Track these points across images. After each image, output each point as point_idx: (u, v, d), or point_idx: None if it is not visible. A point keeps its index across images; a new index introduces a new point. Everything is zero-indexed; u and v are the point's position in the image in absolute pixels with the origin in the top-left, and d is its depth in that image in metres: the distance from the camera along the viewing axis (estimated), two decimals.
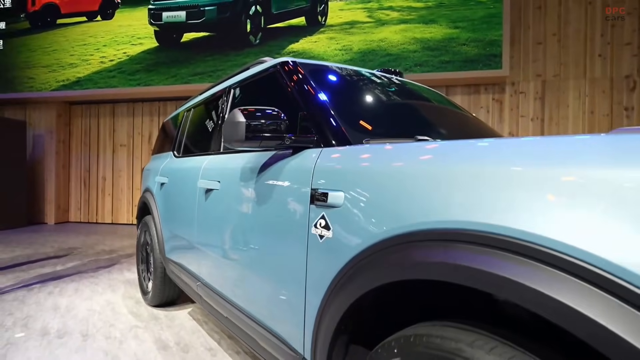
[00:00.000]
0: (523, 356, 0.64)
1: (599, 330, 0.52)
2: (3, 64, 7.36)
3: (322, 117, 1.31)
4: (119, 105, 7.39)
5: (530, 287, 0.59)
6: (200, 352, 2.12)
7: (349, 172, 1.04)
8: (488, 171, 0.73)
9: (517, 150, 0.74)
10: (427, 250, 0.77)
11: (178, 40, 6.47)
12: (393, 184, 0.90)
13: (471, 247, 0.70)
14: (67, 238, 5.83)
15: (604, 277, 0.53)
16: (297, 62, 1.62)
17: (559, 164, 0.65)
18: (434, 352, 0.74)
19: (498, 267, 0.65)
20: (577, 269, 0.56)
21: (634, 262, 0.51)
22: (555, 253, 0.58)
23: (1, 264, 4.04)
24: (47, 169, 7.45)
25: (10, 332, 2.36)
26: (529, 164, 0.68)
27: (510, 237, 0.65)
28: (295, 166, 1.26)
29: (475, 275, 0.67)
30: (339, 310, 0.97)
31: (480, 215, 0.70)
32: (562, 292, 0.56)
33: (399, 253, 0.83)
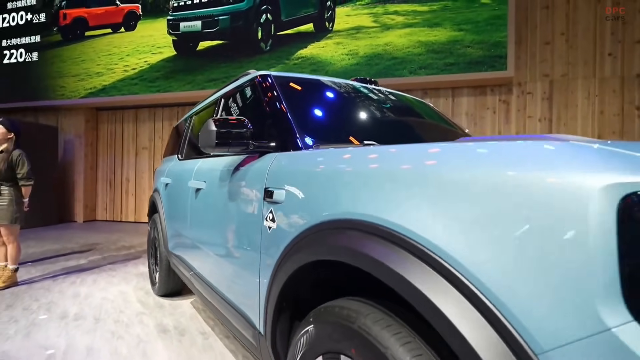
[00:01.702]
0: (399, 326, 0.79)
1: (420, 296, 0.69)
2: (38, 74, 7.98)
3: (281, 125, 1.50)
4: (141, 111, 7.85)
5: (383, 263, 0.77)
6: (195, 336, 2.36)
7: (289, 173, 1.23)
8: (371, 173, 0.90)
9: (394, 156, 0.91)
10: (329, 236, 0.95)
11: (194, 49, 6.83)
12: (314, 183, 1.08)
13: (355, 233, 0.87)
14: (92, 235, 6.28)
15: (433, 257, 0.69)
16: (270, 75, 1.82)
17: (413, 170, 0.81)
18: (335, 319, 0.92)
19: (369, 249, 0.82)
20: (414, 248, 0.73)
21: (450, 246, 0.68)
22: (405, 237, 0.75)
23: (33, 257, 4.46)
24: (77, 170, 8.01)
25: (35, 315, 2.68)
26: (398, 169, 0.85)
27: (379, 225, 0.82)
28: (256, 168, 1.46)
29: (355, 256, 0.85)
30: (278, 289, 1.16)
31: (363, 208, 0.88)
32: (401, 266, 0.73)
33: (313, 239, 1.01)
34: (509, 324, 0.58)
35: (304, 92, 1.79)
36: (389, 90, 2.18)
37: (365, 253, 0.81)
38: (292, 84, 1.80)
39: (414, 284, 0.69)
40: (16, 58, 8.16)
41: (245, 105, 1.97)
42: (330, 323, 0.93)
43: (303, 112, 1.61)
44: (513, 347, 0.57)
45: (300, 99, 1.72)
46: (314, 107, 1.71)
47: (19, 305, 2.88)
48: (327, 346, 0.93)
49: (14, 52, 8.20)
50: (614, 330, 0.49)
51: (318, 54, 6.13)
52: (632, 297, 0.49)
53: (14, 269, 3.30)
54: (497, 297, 0.60)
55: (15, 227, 3.25)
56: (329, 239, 0.94)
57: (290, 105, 1.60)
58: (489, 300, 0.60)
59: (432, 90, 5.95)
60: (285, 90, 1.70)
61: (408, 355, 0.73)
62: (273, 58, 6.36)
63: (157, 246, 3.07)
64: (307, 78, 1.91)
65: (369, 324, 0.82)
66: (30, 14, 8.10)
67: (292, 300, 1.20)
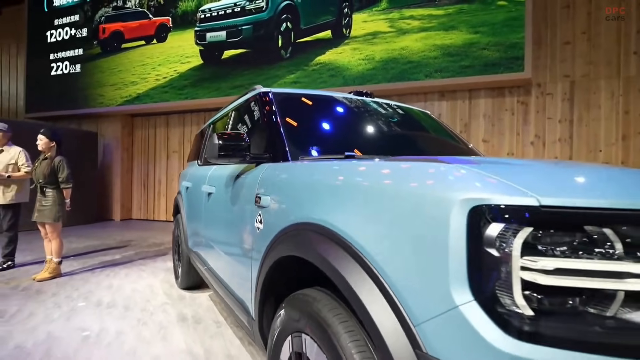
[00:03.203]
0: (341, 309, 0.98)
1: (344, 282, 0.88)
2: (80, 84, 8.68)
3: (274, 138, 1.72)
4: (172, 117, 8.36)
5: (321, 255, 0.96)
6: (209, 324, 2.63)
7: (272, 182, 1.44)
8: (320, 184, 1.10)
9: (333, 171, 1.10)
10: (294, 236, 1.16)
11: (219, 58, 7.21)
12: (288, 191, 1.29)
13: (311, 234, 1.07)
14: (127, 232, 6.80)
15: (354, 251, 0.89)
16: (270, 92, 2.03)
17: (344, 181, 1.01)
18: (298, 304, 1.12)
19: (314, 246, 1.02)
20: (344, 244, 0.92)
21: (362, 240, 0.87)
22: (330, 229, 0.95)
23: (75, 252, 4.95)
24: (114, 173, 8.64)
25: (74, 302, 3.06)
26: (334, 181, 1.05)
27: (324, 227, 1.01)
28: (251, 176, 1.68)
29: (307, 252, 1.05)
30: (262, 281, 1.38)
31: (316, 213, 1.07)
32: (332, 256, 0.93)
33: (284, 239, 1.22)
34: (399, 302, 0.76)
35: (299, 107, 1.99)
36: (386, 102, 2.34)
37: (313, 249, 1.00)
38: (288, 100, 2.01)
39: (339, 270, 0.88)
40: (62, 70, 8.92)
41: (250, 118, 2.21)
42: (295, 308, 1.13)
43: (295, 126, 1.82)
44: (400, 320, 0.75)
45: (294, 113, 1.92)
46: (305, 121, 1.91)
47: (62, 293, 3.27)
48: (293, 326, 1.14)
49: (60, 65, 8.97)
50: (460, 307, 0.66)
51: (336, 59, 6.32)
52: (473, 282, 0.66)
53: (58, 262, 3.73)
54: (391, 281, 0.78)
55: (58, 224, 3.67)
56: (293, 238, 1.15)
57: (284, 119, 1.81)
58: (387, 284, 0.79)
59: (449, 92, 5.99)
60: (281, 105, 1.92)
61: (344, 331, 0.92)
62: (293, 65, 6.62)
63: (180, 244, 3.38)
64: (304, 93, 2.11)
65: (319, 307, 1.02)
66: (74, 29, 8.83)
67: (275, 290, 1.41)
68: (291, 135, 1.72)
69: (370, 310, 0.80)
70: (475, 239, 0.67)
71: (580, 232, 0.63)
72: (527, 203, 0.64)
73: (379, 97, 6.07)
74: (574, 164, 1.10)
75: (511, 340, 0.62)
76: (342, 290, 0.89)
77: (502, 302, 0.64)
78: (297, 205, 1.20)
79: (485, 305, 0.65)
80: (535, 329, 0.62)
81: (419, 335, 0.72)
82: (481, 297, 0.65)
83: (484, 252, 0.66)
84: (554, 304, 0.63)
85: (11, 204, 3.88)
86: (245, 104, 2.32)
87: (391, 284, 0.78)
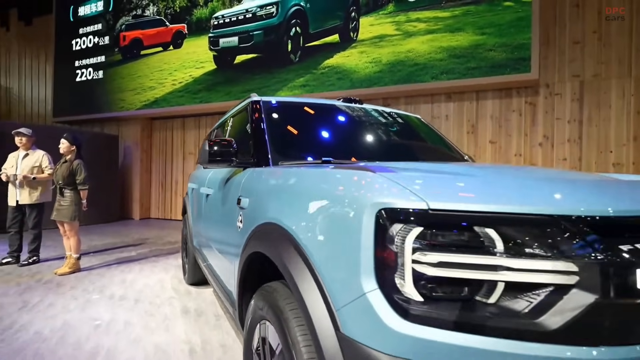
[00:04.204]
0: (293, 298, 1.12)
1: (286, 271, 1.01)
2: (102, 90, 9.13)
3: (259, 144, 1.86)
4: (188, 120, 8.67)
5: (275, 249, 1.10)
6: (209, 317, 2.81)
7: (250, 185, 1.59)
8: (276, 187, 1.24)
9: (284, 175, 1.23)
10: (260, 235, 1.30)
11: (232, 62, 7.45)
12: (260, 194, 1.43)
13: (271, 233, 1.21)
14: (144, 231, 7.12)
15: (298, 245, 1.02)
16: (261, 100, 2.18)
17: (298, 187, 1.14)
18: (263, 295, 1.26)
19: (270, 242, 1.16)
20: (288, 237, 1.06)
21: (302, 234, 1.00)
22: (284, 228, 1.09)
23: (94, 249, 5.26)
24: (134, 173, 9.04)
25: (90, 295, 3.31)
26: (284, 184, 1.18)
27: (278, 225, 1.15)
28: (237, 179, 1.84)
29: (264, 248, 1.19)
30: (240, 274, 1.53)
31: (275, 214, 1.21)
32: (279, 248, 1.07)
33: (254, 237, 1.36)
34: (326, 290, 0.89)
35: (286, 115, 2.14)
36: (374, 108, 2.44)
37: (270, 246, 1.14)
38: (277, 108, 2.15)
39: (286, 263, 1.02)
40: (86, 76, 9.40)
41: (245, 125, 2.36)
42: (260, 298, 1.28)
43: (280, 133, 1.96)
44: (327, 305, 0.88)
45: (281, 120, 2.07)
46: (289, 128, 2.05)
47: (79, 286, 3.53)
48: (259, 315, 1.28)
49: (84, 71, 9.45)
50: (367, 295, 0.79)
51: (343, 62, 6.44)
52: (378, 273, 0.79)
53: (77, 257, 4.01)
54: (322, 272, 0.91)
55: (75, 223, 3.95)
56: (260, 236, 1.29)
57: (271, 126, 1.96)
58: (319, 275, 0.92)
59: (455, 94, 6.00)
60: (269, 113, 2.06)
61: (292, 317, 1.05)
62: (302, 68, 6.78)
63: (186, 242, 3.59)
64: (292, 101, 2.25)
65: (277, 297, 1.16)
66: (97, 38, 9.29)
67: (252, 282, 1.55)
68: (275, 142, 1.86)
69: (305, 297, 0.93)
70: (380, 237, 0.79)
71: (465, 231, 0.75)
72: (418, 207, 0.76)
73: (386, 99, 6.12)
74: (511, 172, 1.20)
75: (404, 322, 0.74)
76: (287, 281, 1.02)
77: (398, 290, 0.76)
78: (264, 207, 1.34)
79: (386, 293, 0.77)
80: (423, 313, 0.73)
81: (338, 318, 0.85)
82: (383, 286, 0.78)
83: (386, 247, 0.78)
84: (440, 292, 0.74)
85: (36, 203, 4.19)
86: (242, 111, 2.48)
87: (322, 275, 0.91)
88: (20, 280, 3.70)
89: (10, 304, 3.02)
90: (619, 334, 0.69)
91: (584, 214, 0.73)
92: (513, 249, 0.73)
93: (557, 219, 0.72)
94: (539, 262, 0.71)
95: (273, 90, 6.99)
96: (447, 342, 0.71)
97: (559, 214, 0.73)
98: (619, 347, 0.68)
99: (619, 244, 0.71)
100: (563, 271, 0.70)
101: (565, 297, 0.70)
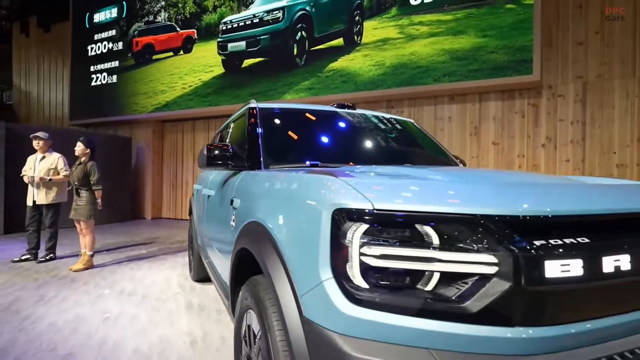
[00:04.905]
0: (273, 290, 1.25)
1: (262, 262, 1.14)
2: (116, 93, 9.44)
3: (252, 149, 2.00)
4: (198, 122, 8.90)
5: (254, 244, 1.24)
6: (211, 312, 2.96)
7: (241, 187, 1.73)
8: (258, 190, 1.37)
9: (263, 178, 1.36)
10: (247, 233, 1.43)
11: (239, 66, 7.64)
12: (248, 195, 1.57)
13: (255, 231, 1.35)
14: (155, 230, 7.36)
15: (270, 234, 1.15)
16: (257, 107, 2.31)
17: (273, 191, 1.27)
18: (249, 287, 1.40)
19: (252, 240, 1.29)
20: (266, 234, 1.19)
21: (276, 230, 1.13)
22: (264, 226, 1.22)
23: (107, 247, 5.50)
24: (146, 175, 9.31)
25: (101, 290, 3.50)
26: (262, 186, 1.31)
27: (260, 222, 1.29)
28: (232, 182, 1.98)
29: (249, 246, 1.33)
30: (232, 268, 1.67)
31: (259, 213, 1.35)
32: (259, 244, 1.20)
33: (241, 235, 1.50)
34: (293, 279, 1.01)
35: (280, 120, 2.27)
36: (365, 113, 2.56)
37: (252, 242, 1.28)
38: (271, 114, 2.29)
39: (263, 257, 1.15)
40: (101, 81, 9.74)
41: (243, 130, 2.50)
42: (246, 290, 1.41)
43: (272, 138, 2.10)
44: (293, 293, 1.00)
45: (275, 126, 2.20)
46: (284, 133, 2.19)
47: (91, 282, 3.74)
48: (245, 305, 1.41)
49: (99, 76, 9.79)
50: (323, 283, 0.91)
51: (347, 66, 6.55)
52: (333, 264, 0.91)
53: (91, 255, 4.23)
54: (291, 264, 1.04)
55: (91, 222, 4.17)
56: (246, 233, 1.42)
57: (264, 132, 2.09)
58: (289, 266, 1.05)
59: (458, 95, 6.06)
60: (264, 119, 2.20)
61: (269, 305, 1.18)
62: (307, 72, 6.92)
63: (192, 240, 3.76)
64: (287, 108, 2.38)
65: (259, 289, 1.29)
66: (111, 43, 9.61)
67: (242, 276, 1.69)
68: (268, 146, 2.00)
69: (277, 287, 1.06)
70: (335, 233, 0.91)
71: (404, 227, 0.87)
72: (365, 207, 0.88)
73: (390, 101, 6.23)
74: (463, 175, 1.31)
75: (353, 306, 0.86)
76: (264, 273, 1.15)
77: (349, 278, 0.88)
78: (251, 207, 1.47)
79: (339, 281, 0.89)
80: (369, 298, 0.85)
81: (302, 304, 0.97)
82: (336, 275, 0.90)
83: (340, 242, 0.90)
84: (384, 281, 0.86)
85: (52, 203, 4.43)
86: (241, 117, 2.62)
87: (290, 267, 1.04)
88: (37, 275, 3.92)
89: (28, 298, 3.23)
90: (531, 316, 0.79)
91: (502, 213, 0.84)
92: (446, 243, 0.85)
93: (480, 218, 0.84)
94: (466, 255, 0.82)
95: (279, 93, 7.15)
96: (388, 323, 0.83)
97: (481, 214, 0.84)
98: (530, 328, 0.79)
99: (534, 240, 0.82)
100: (485, 262, 0.81)
101: (487, 285, 0.81)
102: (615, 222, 0.95)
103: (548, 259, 0.80)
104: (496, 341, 0.79)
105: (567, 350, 0.81)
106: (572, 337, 0.81)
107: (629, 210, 0.96)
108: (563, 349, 0.80)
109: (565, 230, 0.86)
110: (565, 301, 0.83)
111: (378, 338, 0.83)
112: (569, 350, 0.81)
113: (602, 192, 1.08)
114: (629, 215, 0.96)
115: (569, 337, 0.81)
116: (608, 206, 0.95)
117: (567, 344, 0.80)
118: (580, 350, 0.82)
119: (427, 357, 0.79)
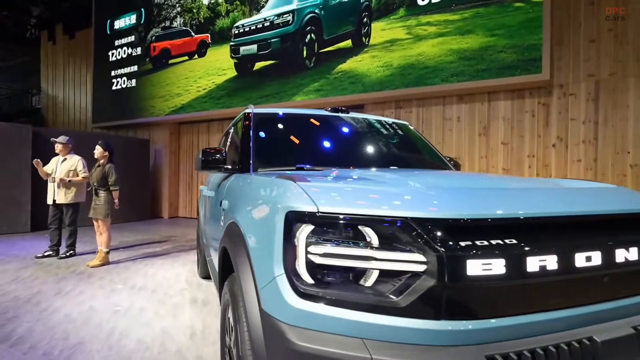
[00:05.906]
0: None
1: (233, 258, 1.26)
2: (135, 97, 9.82)
3: (242, 153, 2.12)
4: (212, 124, 9.16)
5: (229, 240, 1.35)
6: (214, 307, 3.11)
7: (230, 189, 1.85)
8: (237, 191, 1.48)
9: (239, 179, 1.47)
10: (229, 232, 1.55)
11: (251, 69, 7.82)
12: (232, 197, 1.69)
13: (233, 232, 1.46)
14: (171, 229, 7.64)
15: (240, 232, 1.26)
16: (252, 112, 2.42)
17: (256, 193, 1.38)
18: (228, 282, 1.51)
19: (229, 238, 1.40)
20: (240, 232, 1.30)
21: (245, 227, 1.24)
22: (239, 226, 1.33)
23: (124, 244, 5.77)
24: (163, 175, 9.64)
25: (115, 285, 3.71)
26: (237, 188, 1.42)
27: (236, 223, 1.40)
28: (223, 184, 2.10)
29: (227, 245, 1.44)
30: (220, 264, 1.79)
31: (235, 213, 1.46)
32: (234, 243, 1.31)
33: (225, 233, 1.62)
34: (255, 275, 1.12)
35: (273, 125, 2.38)
36: (358, 117, 2.63)
37: (229, 240, 1.39)
38: (265, 119, 2.40)
39: (234, 254, 1.26)
40: (121, 85, 10.14)
41: (238, 134, 2.63)
42: (227, 285, 1.53)
43: (264, 142, 2.21)
44: (255, 287, 1.11)
45: (266, 130, 2.31)
46: (276, 137, 2.30)
47: (107, 278, 3.96)
48: (226, 298, 1.53)
49: (119, 80, 10.19)
50: (276, 278, 1.01)
51: (356, 67, 6.61)
52: (284, 261, 1.01)
53: (107, 252, 4.47)
54: (255, 261, 1.15)
55: (107, 220, 4.41)
56: (227, 233, 1.54)
57: (256, 136, 2.21)
58: (253, 263, 1.15)
59: (467, 95, 6.02)
60: (258, 123, 2.31)
61: (240, 299, 1.29)
62: (316, 73, 7.02)
63: (199, 239, 3.93)
64: (280, 112, 2.49)
65: (235, 284, 1.40)
66: (130, 49, 9.99)
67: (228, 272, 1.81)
68: (259, 150, 2.11)
69: (243, 282, 1.17)
70: (287, 233, 1.01)
71: (346, 228, 0.96)
72: (311, 210, 0.97)
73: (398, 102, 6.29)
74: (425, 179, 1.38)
75: (299, 299, 0.96)
76: (234, 269, 1.26)
77: (297, 274, 0.98)
78: (233, 208, 1.59)
79: (289, 277, 0.99)
80: (314, 292, 0.95)
81: (260, 297, 1.08)
82: (287, 271, 1.00)
83: (290, 241, 1.00)
84: (327, 277, 0.96)
85: (71, 203, 4.70)
86: (238, 121, 2.75)
87: (254, 264, 1.15)
88: (58, 271, 4.19)
89: (48, 291, 3.47)
90: (454, 310, 0.87)
91: (430, 217, 0.92)
92: (383, 244, 0.93)
93: (411, 221, 0.92)
94: (400, 254, 0.91)
95: (289, 95, 7.28)
96: (328, 315, 0.92)
97: (412, 217, 0.92)
98: (454, 321, 0.86)
99: (460, 241, 0.89)
100: (416, 261, 0.89)
101: (417, 282, 0.89)
102: (545, 225, 1.00)
103: (470, 258, 0.87)
104: (422, 333, 0.87)
105: (491, 343, 0.88)
106: (495, 331, 0.88)
107: (559, 213, 1.01)
108: (486, 341, 0.87)
109: (494, 232, 0.93)
110: (488, 297, 0.90)
111: (320, 328, 0.92)
112: (492, 342, 0.88)
113: (541, 196, 1.13)
114: (558, 218, 1.01)
115: (491, 331, 0.88)
116: (538, 210, 1.01)
117: (489, 337, 0.88)
118: (506, 343, 0.89)
119: (360, 346, 0.87)
